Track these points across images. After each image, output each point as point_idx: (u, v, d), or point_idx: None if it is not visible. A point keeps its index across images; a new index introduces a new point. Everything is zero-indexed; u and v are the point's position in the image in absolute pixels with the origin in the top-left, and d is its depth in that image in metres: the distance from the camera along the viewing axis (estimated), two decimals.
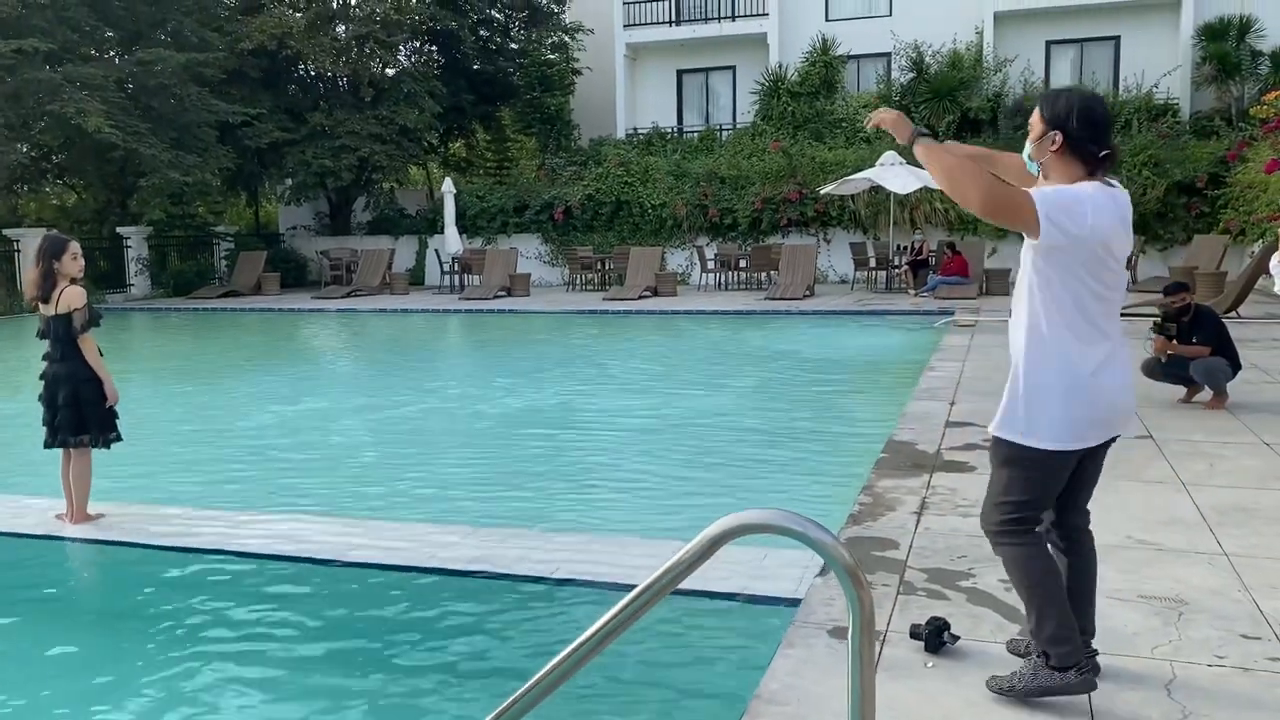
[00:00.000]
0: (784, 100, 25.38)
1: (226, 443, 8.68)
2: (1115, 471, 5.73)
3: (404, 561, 5.02)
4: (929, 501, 5.41)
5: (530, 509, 6.32)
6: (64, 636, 4.57)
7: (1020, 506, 3.15)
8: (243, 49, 24.42)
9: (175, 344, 17.02)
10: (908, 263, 19.93)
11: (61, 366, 5.68)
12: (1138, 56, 23.75)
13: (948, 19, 24.64)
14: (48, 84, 20.01)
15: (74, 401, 5.67)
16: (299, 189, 26.62)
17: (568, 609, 4.54)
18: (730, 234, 23.59)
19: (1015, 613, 3.76)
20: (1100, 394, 3.04)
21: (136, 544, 5.48)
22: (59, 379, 5.68)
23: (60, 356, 5.68)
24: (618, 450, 7.98)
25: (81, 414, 5.69)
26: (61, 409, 5.67)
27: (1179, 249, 19.78)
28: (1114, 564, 4.30)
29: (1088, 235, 2.93)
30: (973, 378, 9.50)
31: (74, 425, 5.69)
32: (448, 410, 10.10)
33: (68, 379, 5.66)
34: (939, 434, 7.10)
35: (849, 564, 1.86)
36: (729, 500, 6.31)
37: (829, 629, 3.75)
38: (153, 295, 24.88)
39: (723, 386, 10.79)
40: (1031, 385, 3.06)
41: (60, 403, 5.67)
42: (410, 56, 28.06)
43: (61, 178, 27.85)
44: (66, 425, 5.69)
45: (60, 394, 5.67)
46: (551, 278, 25.31)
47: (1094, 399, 3.03)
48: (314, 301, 22.02)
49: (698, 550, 1.97)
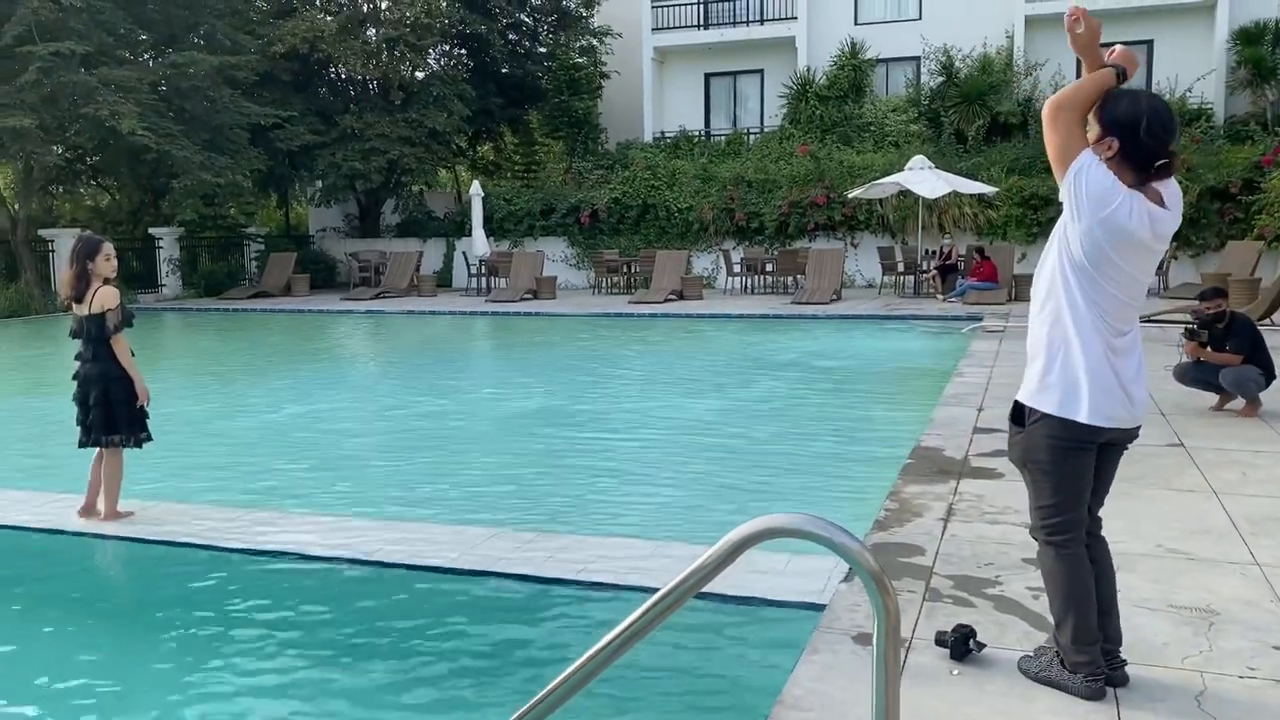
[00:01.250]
0: (812, 104, 25.32)
1: (255, 442, 8.75)
2: (1145, 480, 5.68)
3: (430, 562, 5.03)
4: (956, 508, 5.37)
5: (553, 511, 6.33)
6: (89, 632, 4.63)
7: (1055, 510, 3.19)
8: (275, 52, 24.66)
9: (205, 344, 17.18)
10: (936, 267, 19.82)
11: (94, 366, 5.75)
12: (1171, 60, 23.51)
13: (978, 23, 24.50)
14: (83, 86, 20.27)
15: (105, 401, 5.73)
16: (329, 191, 26.84)
17: (591, 611, 4.53)
18: (757, 238, 23.55)
19: (1043, 621, 3.73)
20: (1120, 375, 3.09)
21: (165, 542, 5.53)
22: (91, 378, 5.75)
23: (93, 356, 5.76)
24: (640, 452, 7.98)
25: (112, 413, 5.76)
26: (93, 408, 5.75)
27: (1212, 255, 19.54)
28: (1144, 573, 4.25)
29: (1096, 226, 2.98)
30: (1001, 383, 9.42)
31: (105, 424, 5.76)
32: (472, 411, 10.13)
33: (99, 378, 5.73)
34: (966, 440, 7.05)
35: (874, 570, 1.85)
36: (754, 504, 6.29)
37: (854, 635, 3.74)
38: (184, 295, 25.15)
39: (748, 390, 10.77)
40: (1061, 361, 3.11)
41: (92, 402, 5.74)
42: (440, 60, 28.21)
43: (96, 179, 28.22)
44: (98, 424, 5.76)
45: (92, 393, 5.74)
46: (577, 281, 25.36)
47: (1115, 379, 3.08)
48: (342, 303, 22.17)
49: (723, 554, 1.96)
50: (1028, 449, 3.21)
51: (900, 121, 24.30)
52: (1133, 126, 2.98)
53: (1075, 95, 3.03)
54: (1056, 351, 3.11)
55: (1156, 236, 3.03)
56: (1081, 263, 3.03)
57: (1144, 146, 2.99)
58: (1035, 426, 3.17)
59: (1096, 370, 3.06)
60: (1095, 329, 3.06)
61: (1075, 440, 3.12)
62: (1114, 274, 3.03)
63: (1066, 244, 3.07)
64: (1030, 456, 3.21)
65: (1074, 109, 3.03)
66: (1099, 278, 3.03)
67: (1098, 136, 3.05)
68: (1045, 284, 3.16)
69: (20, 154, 20.91)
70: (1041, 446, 3.16)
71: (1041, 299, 3.18)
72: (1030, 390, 3.19)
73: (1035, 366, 3.18)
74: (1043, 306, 3.17)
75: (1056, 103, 3.04)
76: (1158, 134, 2.99)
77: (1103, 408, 3.07)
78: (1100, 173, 2.97)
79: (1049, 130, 3.05)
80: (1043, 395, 3.14)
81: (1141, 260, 3.06)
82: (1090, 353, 3.06)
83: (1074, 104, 3.03)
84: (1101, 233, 2.98)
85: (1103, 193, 2.95)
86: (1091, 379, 3.06)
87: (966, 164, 21.81)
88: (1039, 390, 3.15)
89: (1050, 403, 3.11)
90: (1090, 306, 3.05)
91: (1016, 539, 4.72)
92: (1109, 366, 3.07)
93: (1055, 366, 3.11)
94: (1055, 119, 3.04)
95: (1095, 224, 2.98)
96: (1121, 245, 2.99)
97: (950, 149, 22.98)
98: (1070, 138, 3.03)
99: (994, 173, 21.49)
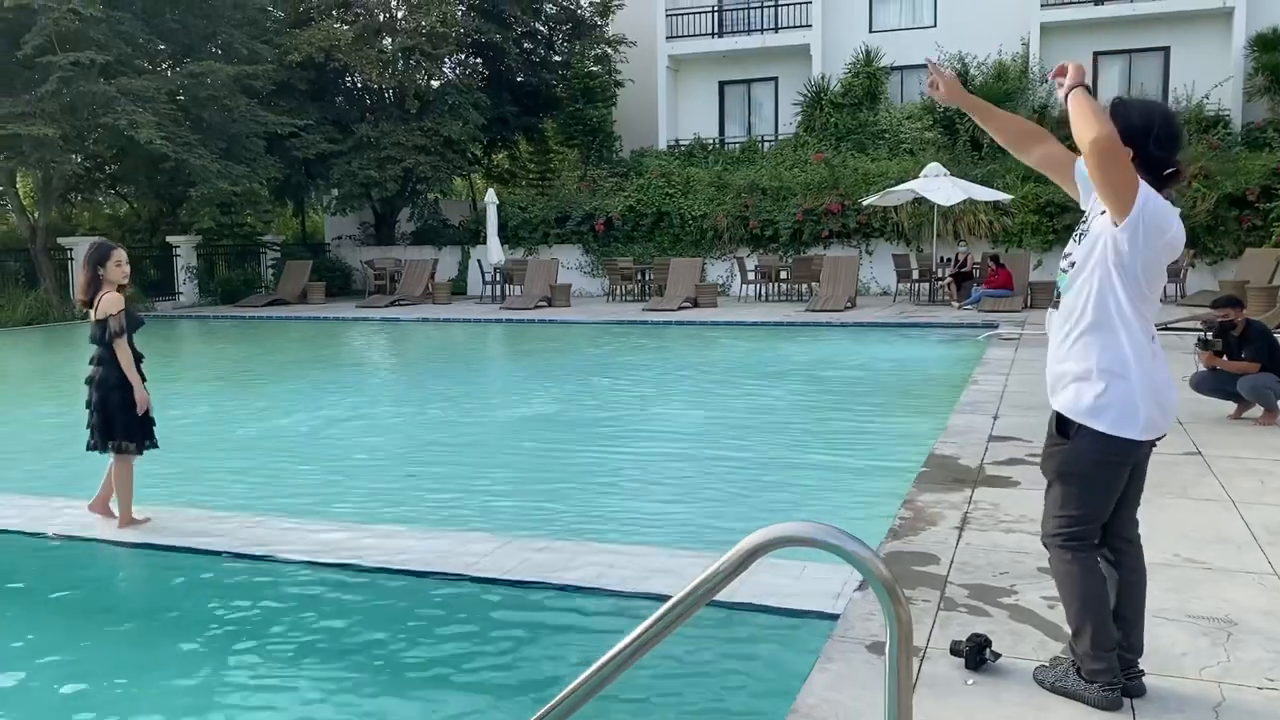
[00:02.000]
0: (826, 111, 25.32)
1: (272, 448, 8.78)
2: (1162, 488, 5.64)
3: (442, 569, 5.03)
4: (971, 517, 5.35)
5: (565, 518, 6.32)
6: (103, 639, 4.65)
7: (1078, 520, 3.19)
8: (291, 61, 24.82)
9: (222, 350, 17.27)
10: (951, 275, 19.76)
11: (98, 371, 5.83)
12: (1188, 67, 23.39)
13: (993, 30, 24.44)
14: (102, 96, 20.44)
15: (103, 406, 5.79)
16: (345, 199, 26.97)
17: (602, 619, 4.53)
18: (771, 245, 23.53)
19: (1058, 630, 3.70)
20: (1157, 381, 3.09)
21: (181, 548, 5.55)
22: (94, 383, 5.84)
23: (98, 361, 5.83)
24: (653, 460, 7.97)
25: (110, 419, 5.79)
26: (94, 412, 5.82)
27: (1229, 262, 19.42)
28: (1161, 582, 4.22)
29: (1164, 248, 3.02)
30: (1017, 391, 9.38)
31: (102, 429, 5.82)
32: (483, 418, 10.15)
33: (100, 384, 5.80)
34: (982, 448, 7.02)
35: (887, 579, 1.84)
36: (765, 511, 6.28)
37: (867, 644, 3.72)
38: (201, 303, 25.31)
39: (761, 397, 10.75)
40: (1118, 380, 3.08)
41: (93, 406, 5.82)
42: (455, 69, 28.35)
43: (114, 187, 28.44)
44: (96, 429, 5.84)
45: (94, 398, 5.82)
46: (592, 288, 25.39)
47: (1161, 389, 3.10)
48: (358, 310, 22.26)
49: (735, 562, 1.96)
50: (1066, 461, 3.17)
51: (915, 129, 24.26)
52: (1145, 135, 2.99)
53: (1107, 125, 2.91)
54: (1112, 370, 3.06)
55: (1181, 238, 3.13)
56: (1137, 276, 3.02)
57: (1154, 158, 3.01)
58: (1082, 441, 3.11)
59: (1146, 384, 3.05)
60: (1141, 343, 3.06)
61: (1121, 456, 3.11)
62: (1157, 281, 3.10)
63: (1122, 266, 3.01)
64: (1069, 468, 3.17)
65: (1115, 137, 2.92)
66: (1148, 290, 3.07)
67: None
68: (1088, 303, 3.08)
69: (40, 163, 21.08)
70: (1085, 460, 3.13)
71: (1085, 318, 3.09)
72: (1081, 407, 3.09)
73: (1085, 384, 3.09)
74: (1087, 324, 3.09)
75: (1109, 139, 2.87)
76: (1166, 143, 3.01)
77: (1154, 418, 3.09)
78: (1160, 201, 2.98)
79: (1115, 168, 2.90)
80: (1096, 414, 3.07)
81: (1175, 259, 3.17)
82: (1141, 368, 3.05)
83: (1114, 133, 2.91)
84: (1166, 252, 3.04)
85: (1164, 219, 2.99)
86: (1143, 394, 3.05)
87: (982, 171, 21.76)
88: (1089, 407, 3.08)
89: (1105, 422, 3.06)
90: (1138, 319, 3.06)
91: (1032, 548, 4.69)
92: (1152, 375, 3.07)
93: (1111, 385, 3.05)
94: (1115, 157, 2.89)
95: (1163, 245, 3.01)
96: (1171, 255, 3.09)
97: (965, 156, 22.92)
98: (1130, 171, 2.93)
99: (1009, 180, 21.42)
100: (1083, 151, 2.94)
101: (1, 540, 5.84)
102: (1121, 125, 2.98)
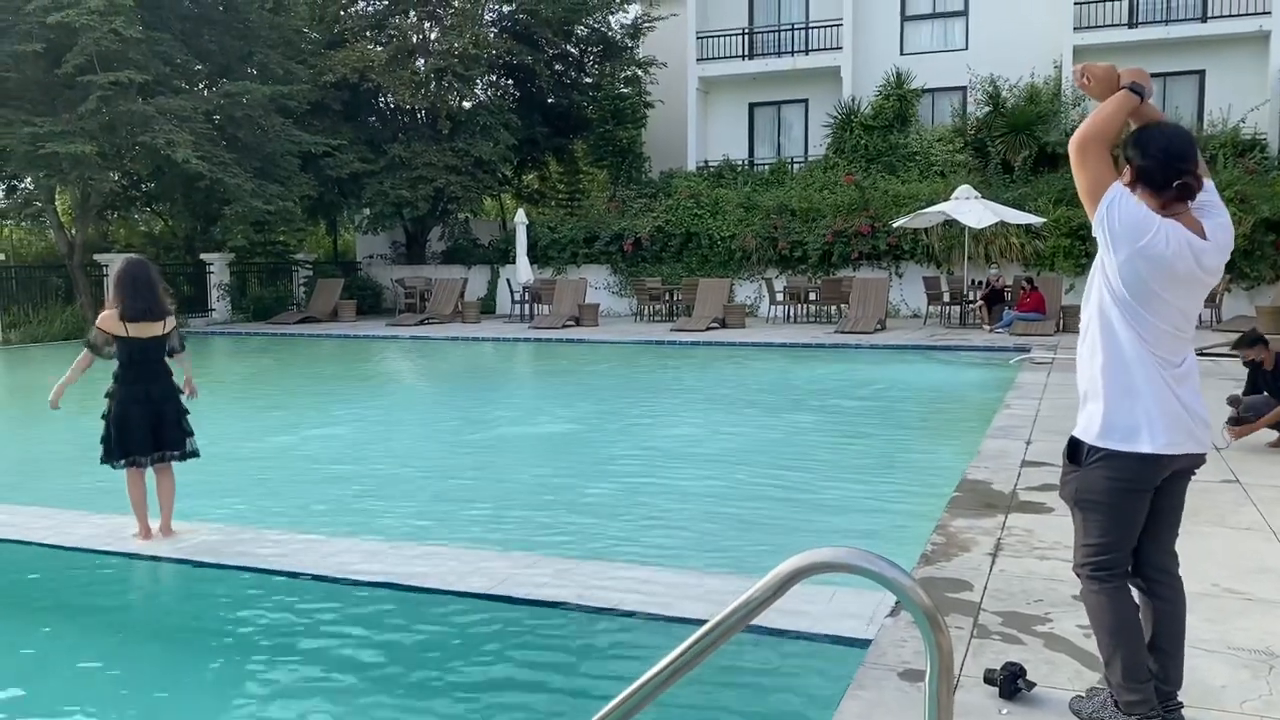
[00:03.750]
0: (857, 133, 25.29)
1: (301, 463, 8.83)
2: (1200, 517, 5.55)
3: (468, 589, 5.00)
4: (1004, 543, 5.28)
5: (596, 539, 6.31)
6: (123, 652, 4.68)
7: (1102, 549, 3.11)
8: (325, 82, 25.17)
9: (253, 366, 17.43)
10: (983, 297, 19.63)
11: (162, 383, 6.04)
12: (1223, 91, 23.21)
13: (1025, 53, 24.35)
14: (140, 115, 20.76)
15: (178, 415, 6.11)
16: (377, 218, 27.23)
17: (633, 643, 4.50)
18: (800, 266, 23.49)
19: (1094, 660, 3.64)
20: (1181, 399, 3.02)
21: (207, 564, 5.58)
22: (159, 397, 6.05)
23: (166, 374, 6.09)
24: (682, 482, 7.93)
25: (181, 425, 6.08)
26: (169, 425, 6.06)
27: (1266, 288, 19.19)
28: (1201, 613, 4.14)
29: (1135, 257, 2.93)
30: (1050, 416, 9.28)
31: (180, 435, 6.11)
32: (512, 436, 10.16)
33: (169, 394, 6.06)
34: (1014, 473, 6.95)
35: (927, 607, 1.82)
36: (796, 536, 6.23)
37: (900, 671, 3.67)
38: (233, 319, 25.57)
39: (790, 419, 10.70)
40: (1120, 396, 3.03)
41: (166, 419, 6.05)
42: (487, 90, 28.60)
43: (150, 205, 28.87)
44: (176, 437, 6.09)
45: (166, 410, 6.06)
46: (620, 308, 25.43)
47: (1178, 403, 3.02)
48: (388, 328, 22.41)
49: (771, 587, 1.94)
50: (1081, 487, 3.13)
51: (946, 151, 24.19)
52: (1143, 146, 2.99)
53: (1098, 126, 3.00)
54: (1113, 387, 3.03)
55: (1203, 268, 2.97)
56: (1123, 295, 2.98)
57: (1153, 168, 2.96)
58: (1094, 465, 3.07)
59: (1157, 397, 2.99)
60: (1146, 360, 2.99)
61: (1136, 480, 3.05)
62: (1158, 306, 2.97)
63: (1106, 279, 3.02)
64: (1084, 495, 3.12)
65: (1100, 140, 3.00)
66: (1143, 310, 2.97)
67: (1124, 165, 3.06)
68: (1091, 321, 3.11)
69: (79, 180, 21.44)
70: (1098, 486, 3.07)
71: (1090, 335, 3.12)
72: (1089, 428, 3.09)
73: (1093, 404, 3.09)
74: (1090, 343, 3.12)
75: (1081, 138, 3.01)
76: (1167, 151, 2.97)
77: (1168, 435, 3.00)
78: (1132, 203, 2.95)
79: (1078, 168, 3.02)
80: (1104, 433, 3.04)
81: (1188, 292, 3.00)
82: (1148, 382, 2.99)
83: (1099, 135, 3.00)
84: (1142, 264, 2.93)
85: (1136, 222, 2.91)
86: (1154, 408, 2.99)
87: (1013, 194, 21.64)
88: (1099, 429, 3.05)
89: (1113, 440, 3.02)
90: (1137, 340, 2.99)
91: (1067, 575, 4.61)
92: (1170, 391, 3.00)
93: (1115, 402, 3.03)
94: (1084, 153, 3.00)
95: (1134, 254, 2.93)
96: (1161, 276, 2.94)
97: (996, 179, 22.82)
98: (1100, 171, 2.99)
99: (1041, 203, 21.30)
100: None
101: (40, 553, 5.89)
102: (1129, 144, 3.04)
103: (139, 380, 5.90)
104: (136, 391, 5.89)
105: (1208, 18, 23.23)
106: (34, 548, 5.90)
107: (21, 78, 21.18)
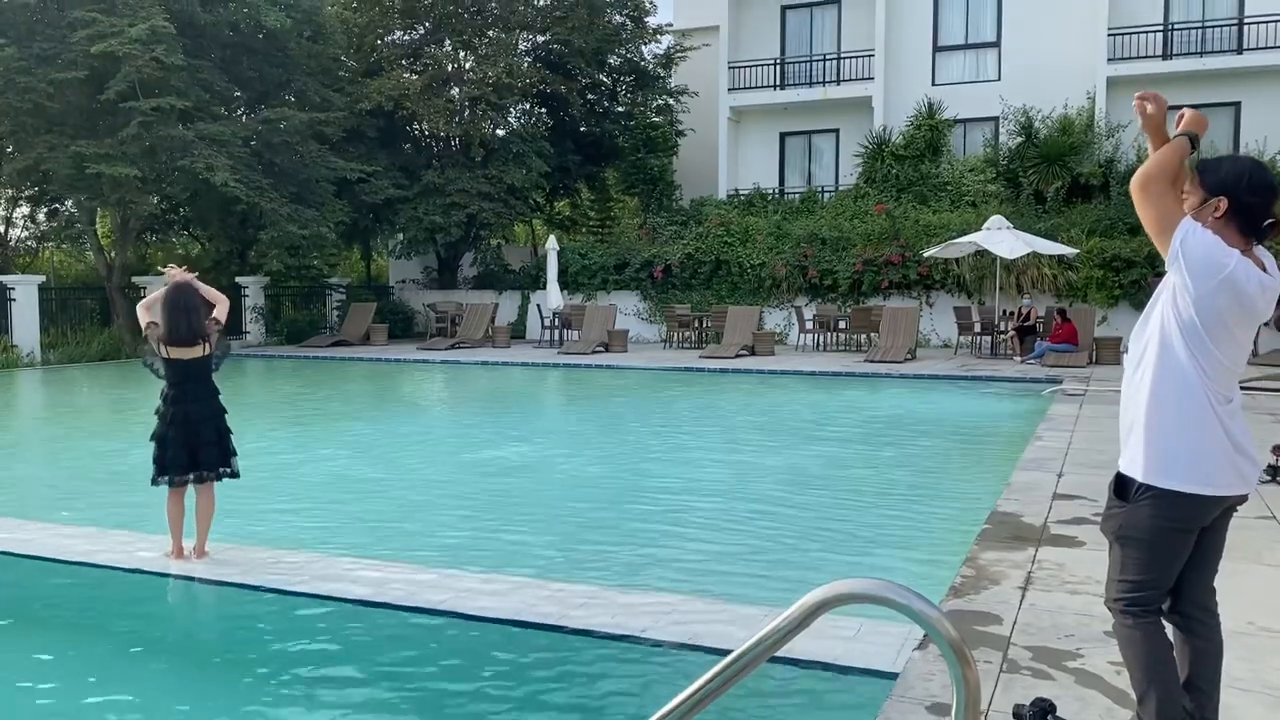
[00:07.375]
0: (888, 163, 25.30)
1: (334, 485, 8.89)
2: (1235, 554, 5.45)
3: (492, 614, 5.00)
4: (1035, 576, 5.22)
5: (620, 569, 6.30)
6: (144, 672, 4.72)
7: (1140, 586, 3.06)
8: (361, 109, 25.55)
9: (286, 388, 17.59)
10: (1014, 328, 19.50)
11: (207, 402, 6.23)
12: (1259, 122, 23.02)
13: (1058, 84, 24.30)
14: (180, 140, 21.15)
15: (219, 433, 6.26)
16: (410, 244, 27.53)
17: (656, 671, 4.48)
18: (829, 295, 23.46)
19: (1126, 697, 3.59)
20: (1233, 439, 2.98)
21: (237, 584, 5.63)
22: (205, 416, 6.21)
23: (213, 393, 6.28)
24: (707, 510, 7.90)
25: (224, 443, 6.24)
26: (209, 445, 6.18)
27: None
28: (1236, 651, 4.07)
29: (1217, 289, 2.89)
30: (1082, 449, 9.18)
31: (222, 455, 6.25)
32: (540, 463, 10.17)
33: (216, 413, 6.24)
34: (1046, 506, 6.87)
35: (955, 640, 1.81)
36: (823, 567, 6.19)
37: (927, 704, 3.64)
38: (266, 342, 25.85)
39: (818, 449, 10.65)
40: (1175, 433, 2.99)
41: (207, 438, 6.19)
42: (520, 118, 28.91)
43: (188, 228, 29.32)
44: (214, 458, 6.22)
45: (210, 429, 6.21)
46: (649, 334, 25.48)
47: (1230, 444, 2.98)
48: (419, 352, 22.57)
49: (798, 617, 1.94)
50: (1126, 524, 3.06)
51: (978, 181, 24.12)
52: (1236, 185, 2.96)
53: (1160, 165, 3.00)
54: (1166, 421, 2.98)
55: (1265, 304, 2.96)
56: (1194, 327, 2.93)
57: (1249, 206, 2.95)
58: (1143, 503, 3.01)
59: (1210, 434, 2.96)
60: (1203, 395, 2.96)
61: (1185, 520, 3.00)
62: (1224, 340, 2.95)
63: (1177, 310, 2.97)
64: (1128, 532, 3.06)
65: (1162, 179, 2.99)
66: (1210, 343, 2.94)
67: (1201, 200, 3.01)
68: (1148, 351, 3.04)
69: (119, 203, 21.84)
70: (1145, 524, 3.01)
71: (1144, 366, 3.05)
72: (1137, 463, 3.03)
73: (1143, 437, 3.02)
74: (1143, 373, 3.05)
75: (1144, 177, 2.99)
76: (1261, 190, 2.96)
77: (1221, 476, 2.96)
78: (1207, 236, 2.92)
79: (1143, 206, 3.00)
80: (1154, 470, 2.98)
81: (1250, 326, 3.00)
82: (1202, 417, 2.95)
83: (1161, 174, 3.00)
84: (1224, 296, 2.90)
85: (1213, 256, 2.89)
86: (1205, 445, 2.95)
87: (1046, 225, 21.53)
88: (1150, 465, 2.99)
89: (1163, 478, 2.97)
90: (1199, 373, 2.95)
91: (1098, 610, 4.55)
92: (1221, 428, 2.97)
93: (1167, 437, 2.97)
94: (1146, 192, 2.99)
95: (1216, 287, 2.89)
96: (1238, 309, 2.92)
97: (1029, 209, 22.71)
98: (1166, 207, 2.97)
99: (1074, 234, 21.17)
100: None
101: (81, 572, 5.97)
102: (1212, 179, 2.99)
103: (179, 401, 6.04)
104: (176, 413, 6.03)
105: (1243, 49, 23.10)
106: (69, 566, 5.98)
107: (65, 104, 21.66)
